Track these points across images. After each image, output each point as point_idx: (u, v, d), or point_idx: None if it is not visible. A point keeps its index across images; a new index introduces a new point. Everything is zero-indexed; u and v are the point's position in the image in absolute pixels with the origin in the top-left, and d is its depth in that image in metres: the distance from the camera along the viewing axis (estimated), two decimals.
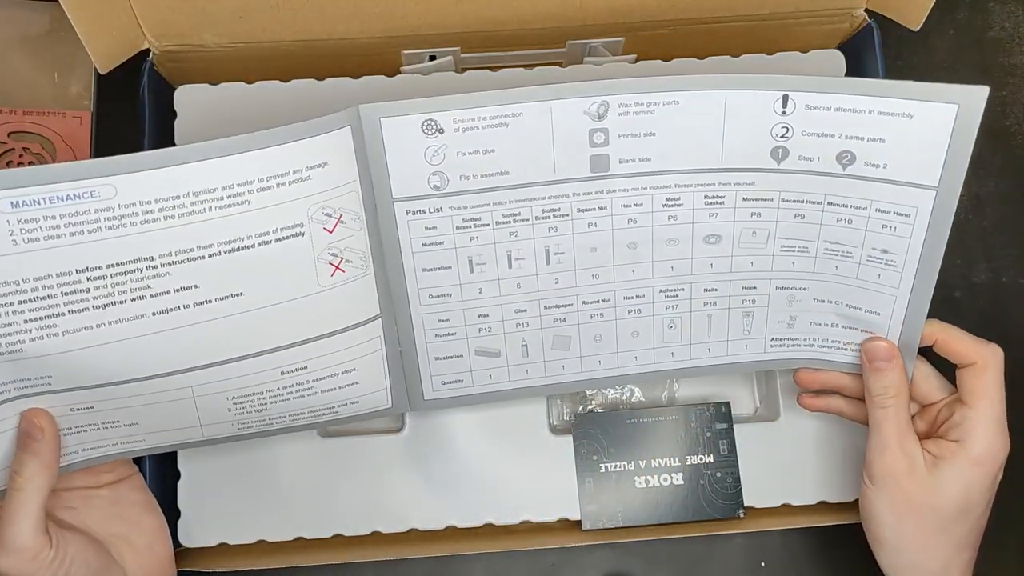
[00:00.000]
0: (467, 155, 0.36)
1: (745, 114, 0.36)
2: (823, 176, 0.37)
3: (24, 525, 0.33)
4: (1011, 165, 0.54)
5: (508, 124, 0.36)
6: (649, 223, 0.38)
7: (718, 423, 0.44)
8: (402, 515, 0.43)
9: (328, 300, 0.37)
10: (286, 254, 0.35)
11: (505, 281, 0.38)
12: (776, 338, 0.41)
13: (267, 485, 0.43)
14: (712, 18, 0.47)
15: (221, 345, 0.35)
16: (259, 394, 0.37)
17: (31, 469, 0.34)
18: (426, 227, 0.37)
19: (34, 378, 0.34)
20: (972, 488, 0.37)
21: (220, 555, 0.43)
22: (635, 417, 0.44)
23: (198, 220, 0.33)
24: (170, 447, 0.38)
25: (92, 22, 0.41)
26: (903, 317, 0.38)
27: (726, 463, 0.44)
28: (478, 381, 0.40)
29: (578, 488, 0.43)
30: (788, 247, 0.38)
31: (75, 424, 0.36)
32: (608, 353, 0.40)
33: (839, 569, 0.48)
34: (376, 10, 0.44)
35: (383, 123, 0.36)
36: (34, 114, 0.49)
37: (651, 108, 0.36)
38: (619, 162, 0.37)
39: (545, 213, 0.37)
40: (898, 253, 0.37)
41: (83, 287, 0.32)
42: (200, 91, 0.46)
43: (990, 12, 0.56)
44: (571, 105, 0.36)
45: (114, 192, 0.32)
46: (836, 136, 0.36)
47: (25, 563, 0.33)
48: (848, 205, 0.37)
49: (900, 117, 0.35)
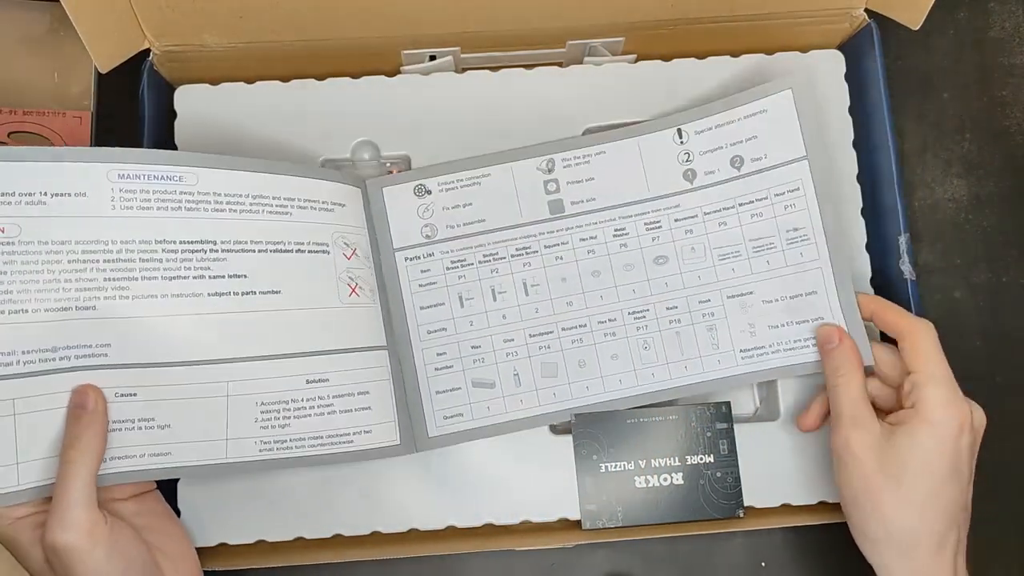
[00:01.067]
0: (450, 209, 0.45)
1: (655, 151, 0.45)
2: (727, 183, 0.44)
3: (79, 496, 0.33)
4: (1011, 165, 0.54)
5: (480, 183, 0.45)
6: (605, 252, 0.44)
7: (718, 423, 0.44)
8: (402, 515, 0.43)
9: (347, 316, 0.41)
10: (315, 265, 0.41)
11: (492, 313, 0.44)
12: (744, 349, 0.44)
13: (267, 485, 0.43)
14: (712, 18, 0.47)
15: (258, 339, 0.39)
16: (285, 403, 0.39)
17: (84, 441, 0.34)
18: (421, 270, 0.44)
19: (95, 345, 0.36)
20: (929, 451, 0.37)
21: (220, 555, 0.43)
22: (635, 417, 0.44)
23: (253, 218, 0.39)
24: (192, 467, 0.38)
25: (93, 22, 0.41)
26: (835, 284, 0.43)
27: (726, 463, 0.44)
28: (477, 414, 0.44)
29: (578, 488, 0.43)
30: (723, 255, 0.44)
31: (114, 418, 0.36)
32: (594, 378, 0.44)
33: (839, 569, 0.48)
34: (376, 10, 0.44)
35: (385, 191, 0.45)
36: (34, 114, 0.49)
37: (587, 159, 0.45)
38: (571, 203, 0.45)
39: (518, 251, 0.44)
40: (806, 225, 0.43)
41: (157, 256, 0.37)
42: (200, 91, 0.46)
43: (990, 12, 0.56)
44: (526, 164, 0.45)
45: (196, 180, 0.38)
46: (724, 147, 0.44)
47: (83, 537, 0.33)
48: (753, 200, 0.44)
49: (759, 115, 0.44)
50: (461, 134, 0.46)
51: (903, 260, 0.45)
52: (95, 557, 0.33)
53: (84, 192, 0.36)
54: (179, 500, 0.43)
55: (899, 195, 0.46)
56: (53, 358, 0.35)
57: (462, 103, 0.46)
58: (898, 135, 0.54)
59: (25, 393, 0.35)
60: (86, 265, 0.36)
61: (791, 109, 0.43)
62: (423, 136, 0.46)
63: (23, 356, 0.35)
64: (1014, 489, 0.40)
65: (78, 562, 0.33)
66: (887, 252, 0.46)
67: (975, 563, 0.40)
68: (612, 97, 0.47)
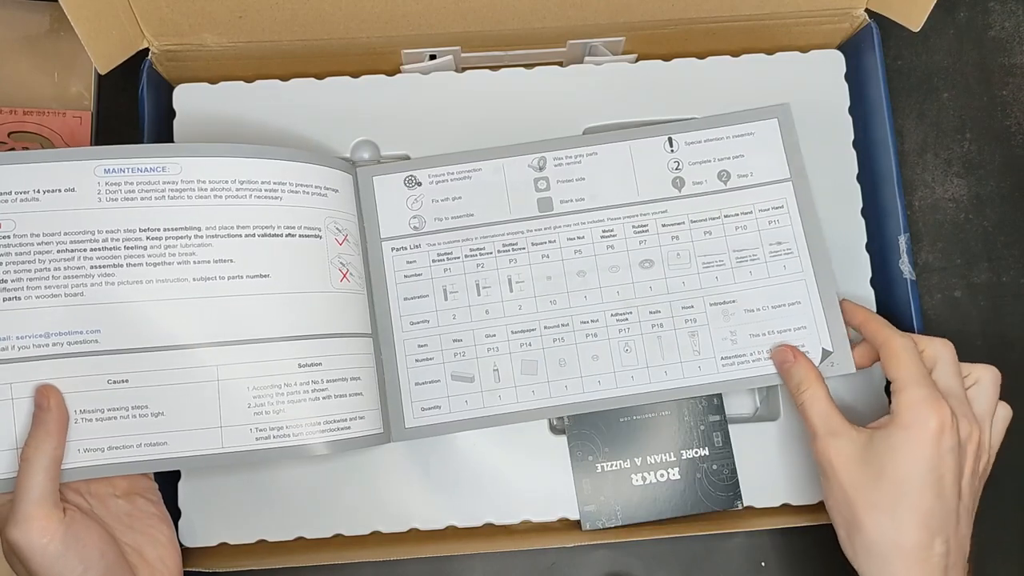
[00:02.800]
0: (440, 201, 0.45)
1: (646, 156, 0.46)
2: (713, 195, 0.45)
3: (32, 493, 0.33)
4: (1011, 165, 0.54)
5: (471, 177, 0.45)
6: (592, 252, 0.45)
7: (711, 415, 0.44)
8: (402, 515, 0.43)
9: (339, 301, 0.41)
10: (307, 249, 0.41)
11: (475, 307, 0.44)
12: (725, 357, 0.44)
13: (267, 485, 0.43)
14: (712, 18, 0.47)
15: (247, 323, 0.39)
16: (277, 387, 0.39)
17: (37, 439, 0.35)
18: (407, 261, 0.44)
19: (85, 331, 0.37)
20: (904, 454, 0.37)
21: (220, 555, 0.43)
22: (628, 415, 0.44)
23: (240, 204, 0.40)
24: (188, 457, 0.38)
25: (91, 22, 0.41)
26: (819, 294, 0.44)
27: (721, 455, 0.44)
28: (455, 407, 0.43)
29: (575, 489, 0.43)
30: (708, 263, 0.45)
31: (108, 405, 0.37)
32: (573, 378, 0.44)
33: (839, 569, 0.48)
34: (376, 10, 0.44)
35: (375, 180, 0.45)
36: (34, 114, 0.49)
37: (578, 159, 0.45)
38: (560, 202, 0.45)
39: (505, 247, 0.45)
40: (789, 240, 0.45)
41: (142, 244, 0.38)
42: (199, 90, 0.46)
43: (990, 12, 0.56)
44: (518, 161, 0.45)
45: (180, 170, 0.39)
46: (712, 160, 0.46)
47: (34, 535, 0.33)
48: (738, 213, 0.45)
49: (747, 136, 0.46)
50: (461, 133, 0.46)
51: (903, 260, 0.45)
52: (48, 554, 0.33)
53: (73, 187, 0.38)
54: (179, 500, 0.43)
55: (899, 195, 0.46)
56: (46, 343, 0.37)
57: (462, 102, 0.46)
58: (898, 135, 0.54)
59: (21, 378, 0.36)
60: (74, 255, 0.37)
61: (777, 135, 0.46)
62: (423, 135, 0.46)
63: (18, 341, 0.36)
64: (1014, 489, 0.41)
65: (29, 559, 0.33)
66: (887, 252, 0.46)
67: (975, 562, 0.39)
68: (612, 97, 0.47)
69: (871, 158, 0.47)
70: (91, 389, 0.37)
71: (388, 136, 0.46)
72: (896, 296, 0.46)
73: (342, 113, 0.46)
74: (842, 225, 0.46)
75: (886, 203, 0.46)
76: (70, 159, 0.38)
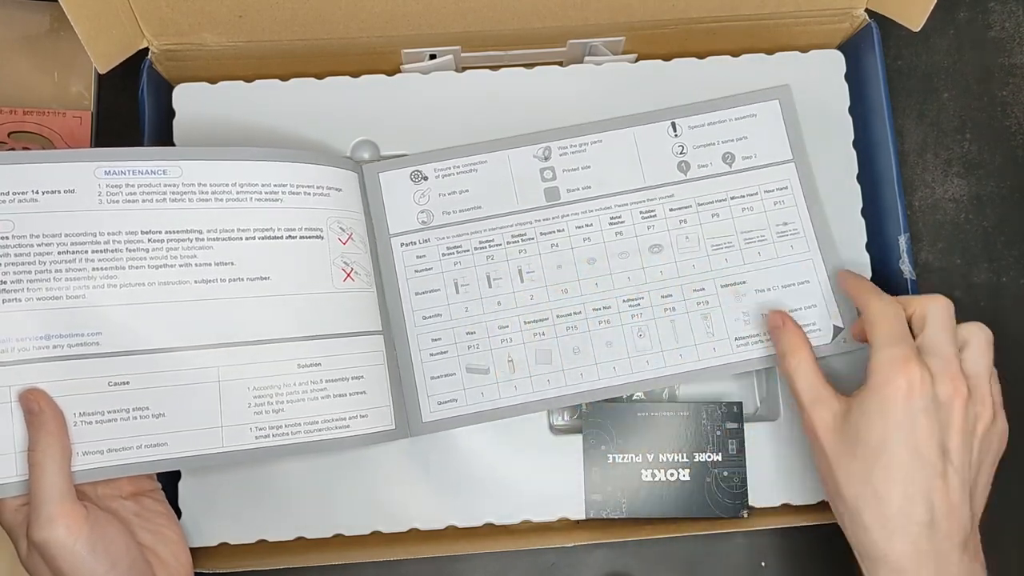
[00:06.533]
0: (447, 195, 0.45)
1: (650, 142, 0.46)
2: (719, 177, 0.46)
3: (52, 493, 0.33)
4: (1011, 165, 0.54)
5: (477, 169, 0.45)
6: (601, 239, 0.45)
7: (729, 422, 0.44)
8: (402, 515, 0.43)
9: (341, 301, 0.41)
10: (308, 251, 0.41)
11: (487, 299, 0.44)
12: (739, 337, 0.44)
13: (267, 485, 0.43)
14: (712, 18, 0.47)
15: (247, 325, 0.39)
16: (277, 388, 0.39)
17: (41, 442, 0.35)
18: (417, 255, 0.45)
19: (86, 333, 0.37)
20: (876, 419, 0.36)
21: (221, 555, 0.43)
22: (645, 410, 0.44)
23: (240, 207, 0.40)
24: (189, 457, 0.38)
25: (91, 22, 0.41)
26: (827, 272, 0.45)
27: (734, 463, 0.44)
28: (471, 399, 0.44)
29: (584, 477, 0.44)
30: (717, 245, 0.45)
31: (108, 407, 0.37)
32: (588, 365, 0.44)
33: (839, 569, 0.48)
34: (376, 10, 0.44)
35: (381, 176, 0.45)
36: (34, 114, 0.49)
37: (583, 147, 0.46)
38: (567, 191, 0.45)
39: (514, 238, 0.45)
40: (795, 220, 0.45)
41: (144, 246, 0.38)
42: (199, 90, 0.46)
43: (990, 12, 0.56)
44: (523, 152, 0.46)
45: (180, 173, 0.39)
46: (716, 143, 0.46)
47: (61, 533, 0.33)
48: (744, 195, 0.45)
49: (749, 118, 0.46)
50: (461, 133, 0.46)
51: (903, 260, 0.45)
52: (77, 551, 0.33)
53: (72, 189, 0.38)
54: (180, 500, 0.43)
55: (899, 195, 0.46)
56: (47, 346, 0.36)
57: (462, 102, 0.46)
58: (898, 135, 0.54)
59: (22, 381, 0.36)
60: (75, 256, 0.37)
61: (778, 117, 0.46)
62: (423, 135, 0.46)
63: (18, 344, 0.36)
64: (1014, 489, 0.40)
65: (60, 557, 0.33)
66: (887, 252, 0.46)
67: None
68: (612, 97, 0.47)
69: (871, 158, 0.47)
70: (92, 391, 0.37)
71: (388, 136, 0.46)
72: None
73: (342, 113, 0.46)
74: (842, 225, 0.46)
75: (886, 203, 0.46)
76: (70, 160, 0.38)
